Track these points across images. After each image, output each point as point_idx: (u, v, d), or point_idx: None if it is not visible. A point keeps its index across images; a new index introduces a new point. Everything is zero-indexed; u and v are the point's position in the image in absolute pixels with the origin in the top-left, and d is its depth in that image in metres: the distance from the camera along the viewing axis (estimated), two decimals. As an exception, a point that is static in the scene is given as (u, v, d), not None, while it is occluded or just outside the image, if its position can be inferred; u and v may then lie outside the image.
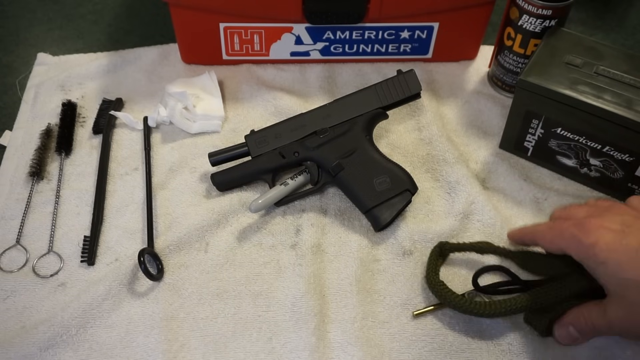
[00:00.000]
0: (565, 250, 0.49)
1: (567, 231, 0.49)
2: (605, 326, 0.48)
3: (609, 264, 0.46)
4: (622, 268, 0.45)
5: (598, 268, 0.47)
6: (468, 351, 0.53)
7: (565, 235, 0.49)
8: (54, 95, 0.75)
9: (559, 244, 0.50)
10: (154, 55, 0.79)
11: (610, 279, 0.46)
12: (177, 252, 0.60)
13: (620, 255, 0.45)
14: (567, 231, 0.49)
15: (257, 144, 0.64)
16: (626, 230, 0.46)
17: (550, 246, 0.51)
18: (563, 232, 0.49)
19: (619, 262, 0.45)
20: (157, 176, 0.67)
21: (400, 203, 0.60)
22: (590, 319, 0.49)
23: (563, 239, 0.49)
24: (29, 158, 0.68)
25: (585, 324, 0.49)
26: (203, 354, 0.54)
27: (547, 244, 0.52)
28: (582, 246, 0.47)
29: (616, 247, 0.46)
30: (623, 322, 0.47)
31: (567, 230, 0.49)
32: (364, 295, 0.57)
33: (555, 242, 0.50)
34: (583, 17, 0.87)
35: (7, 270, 0.59)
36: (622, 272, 0.45)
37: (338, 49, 0.76)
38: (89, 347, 0.54)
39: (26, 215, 0.63)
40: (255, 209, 0.60)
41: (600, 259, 0.46)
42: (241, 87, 0.75)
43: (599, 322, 0.49)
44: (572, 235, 0.48)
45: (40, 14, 0.86)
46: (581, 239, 0.47)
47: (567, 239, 0.49)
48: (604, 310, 0.48)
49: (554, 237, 0.50)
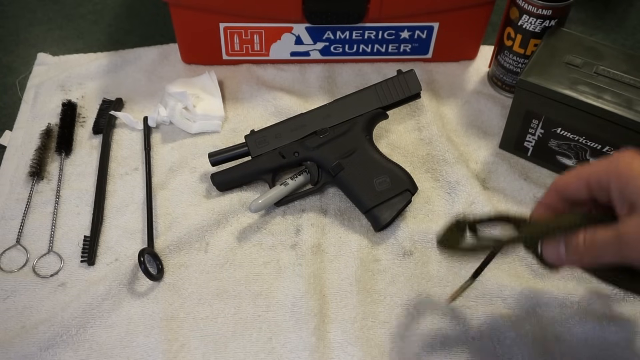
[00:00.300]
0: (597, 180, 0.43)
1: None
2: (612, 239, 0.41)
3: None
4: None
5: (631, 182, 0.41)
6: (468, 351, 0.53)
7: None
8: (54, 95, 0.75)
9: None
10: (154, 55, 0.79)
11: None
12: (177, 252, 0.60)
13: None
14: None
15: (257, 144, 0.64)
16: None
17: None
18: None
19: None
20: (157, 176, 0.67)
21: (400, 203, 0.60)
22: (593, 235, 0.42)
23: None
24: (29, 158, 0.68)
25: (584, 240, 0.43)
26: (203, 354, 0.54)
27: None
28: (613, 165, 0.42)
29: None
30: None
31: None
32: (364, 295, 0.57)
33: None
34: (583, 17, 0.87)
35: (7, 270, 0.59)
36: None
37: (338, 49, 0.76)
38: (89, 347, 0.54)
39: (26, 215, 0.63)
40: (255, 209, 0.60)
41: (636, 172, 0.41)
42: (241, 87, 0.75)
43: (604, 236, 0.41)
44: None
45: (40, 14, 0.86)
46: (614, 161, 0.42)
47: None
48: (615, 226, 0.41)
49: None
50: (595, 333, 0.54)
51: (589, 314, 0.55)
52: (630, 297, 0.56)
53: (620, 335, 0.54)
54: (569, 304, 0.56)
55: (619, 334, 0.54)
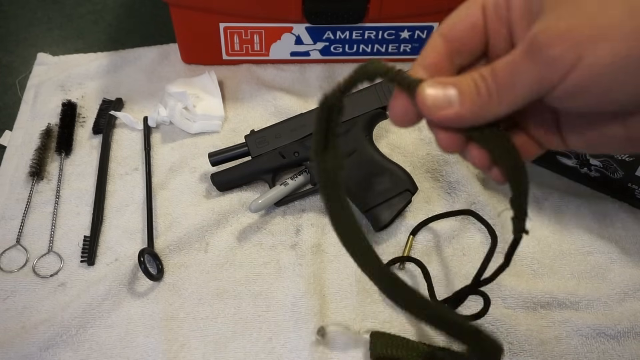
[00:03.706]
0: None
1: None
2: (524, 54, 0.28)
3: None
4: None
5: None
6: (468, 351, 0.53)
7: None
8: (54, 95, 0.75)
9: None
10: (154, 55, 0.79)
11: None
12: (177, 252, 0.60)
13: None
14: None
15: (257, 144, 0.64)
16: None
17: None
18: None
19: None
20: (157, 176, 0.67)
21: (400, 203, 0.60)
22: (493, 64, 0.30)
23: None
24: (29, 158, 0.68)
25: (490, 71, 0.30)
26: (203, 354, 0.54)
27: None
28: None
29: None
30: (561, 22, 0.27)
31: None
32: (364, 295, 0.57)
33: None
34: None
35: (7, 270, 0.59)
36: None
37: (338, 49, 0.76)
38: (89, 347, 0.54)
39: (26, 215, 0.63)
40: (255, 209, 0.60)
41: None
42: (241, 87, 0.75)
43: (512, 57, 0.29)
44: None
45: (40, 14, 0.86)
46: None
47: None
48: (522, 43, 0.29)
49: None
50: (595, 333, 0.54)
51: (589, 314, 0.55)
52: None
53: (620, 335, 0.54)
54: (569, 304, 0.56)
55: (619, 334, 0.54)
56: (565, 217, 0.63)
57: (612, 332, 0.54)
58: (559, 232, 0.62)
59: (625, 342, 0.54)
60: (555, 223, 0.62)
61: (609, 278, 0.58)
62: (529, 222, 0.32)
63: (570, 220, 0.62)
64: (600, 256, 0.60)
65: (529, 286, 0.57)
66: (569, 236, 0.61)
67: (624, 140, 0.30)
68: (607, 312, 0.56)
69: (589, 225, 0.62)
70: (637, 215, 0.63)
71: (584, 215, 0.63)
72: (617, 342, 0.54)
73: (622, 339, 0.54)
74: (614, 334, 0.54)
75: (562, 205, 0.64)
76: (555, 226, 0.62)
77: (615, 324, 0.54)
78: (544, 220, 0.62)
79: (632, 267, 0.59)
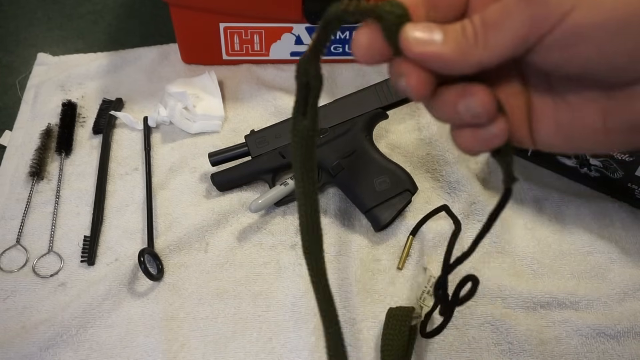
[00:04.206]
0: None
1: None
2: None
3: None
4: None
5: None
6: (468, 351, 0.53)
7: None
8: (54, 95, 0.75)
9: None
10: (154, 55, 0.79)
11: None
12: (177, 252, 0.60)
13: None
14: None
15: (257, 144, 0.64)
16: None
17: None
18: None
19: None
20: (157, 176, 0.67)
21: (400, 203, 0.60)
22: (484, 11, 0.28)
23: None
24: (29, 158, 0.68)
25: (470, 19, 0.28)
26: (203, 354, 0.54)
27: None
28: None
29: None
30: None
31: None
32: (364, 295, 0.57)
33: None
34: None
35: (7, 270, 0.59)
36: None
37: (338, 49, 0.76)
38: (89, 347, 0.54)
39: (26, 215, 0.63)
40: (255, 209, 0.60)
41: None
42: (241, 87, 0.75)
43: (505, 0, 0.27)
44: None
45: (40, 14, 0.86)
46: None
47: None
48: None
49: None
50: (595, 333, 0.54)
51: (589, 314, 0.55)
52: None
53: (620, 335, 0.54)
54: (569, 304, 0.56)
55: (619, 334, 0.54)
56: (565, 217, 0.63)
57: (612, 332, 0.54)
58: (559, 232, 0.62)
59: (625, 342, 0.54)
60: (555, 223, 0.62)
61: (609, 278, 0.58)
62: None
63: (570, 220, 0.62)
64: (600, 256, 0.60)
65: (529, 286, 0.57)
66: (569, 236, 0.61)
67: (600, 132, 0.28)
68: (607, 312, 0.56)
69: (589, 225, 0.62)
70: (637, 215, 0.63)
71: (584, 215, 0.63)
72: (617, 342, 0.54)
73: (622, 339, 0.54)
74: (614, 334, 0.54)
75: (562, 205, 0.64)
76: (555, 226, 0.62)
77: (615, 324, 0.54)
78: (544, 220, 0.62)
79: (632, 267, 0.59)
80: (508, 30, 0.27)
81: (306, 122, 0.33)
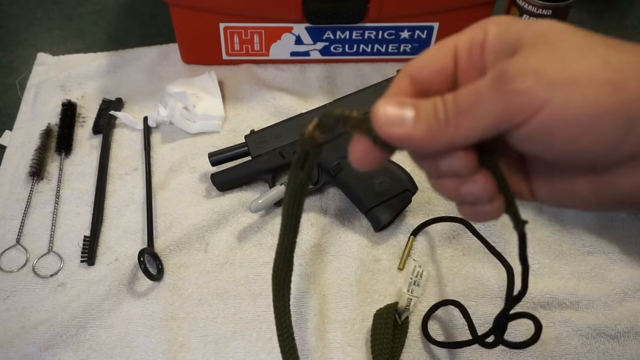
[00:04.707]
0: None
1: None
2: (491, 85, 0.27)
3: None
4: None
5: (512, 24, 0.29)
6: (468, 351, 0.53)
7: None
8: (54, 95, 0.75)
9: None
10: (154, 55, 0.79)
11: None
12: (177, 252, 0.60)
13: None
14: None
15: (257, 144, 0.64)
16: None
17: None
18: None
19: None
20: (157, 176, 0.67)
21: (400, 203, 0.60)
22: (457, 92, 0.28)
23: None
24: (29, 158, 0.68)
25: (452, 97, 0.28)
26: (203, 354, 0.54)
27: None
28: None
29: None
30: (536, 59, 0.26)
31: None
32: (364, 295, 0.57)
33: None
34: (583, 17, 0.87)
35: (7, 270, 0.59)
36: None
37: (338, 49, 0.76)
38: (89, 347, 0.54)
39: (26, 215, 0.63)
40: (255, 209, 0.60)
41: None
42: (241, 87, 0.75)
43: (477, 86, 0.27)
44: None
45: (40, 14, 0.86)
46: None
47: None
48: (490, 73, 0.27)
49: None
50: (595, 333, 0.54)
51: (589, 314, 0.55)
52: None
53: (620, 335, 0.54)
54: (569, 304, 0.56)
55: (619, 334, 0.54)
56: (565, 217, 0.63)
57: (612, 332, 0.54)
58: (559, 232, 0.62)
59: (625, 342, 0.54)
60: (555, 223, 0.62)
61: (609, 278, 0.58)
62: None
63: (570, 220, 0.62)
64: (600, 256, 0.60)
65: (529, 286, 0.57)
66: (569, 236, 0.61)
67: (591, 201, 0.29)
68: (607, 312, 0.56)
69: (589, 225, 0.62)
70: (637, 215, 0.63)
71: (584, 215, 0.63)
72: (617, 342, 0.54)
73: (622, 339, 0.54)
74: (614, 334, 0.54)
75: (562, 205, 0.63)
76: (555, 226, 0.62)
77: (615, 324, 0.54)
78: (544, 220, 0.62)
79: (632, 267, 0.59)
80: (479, 118, 0.27)
81: (302, 175, 0.37)
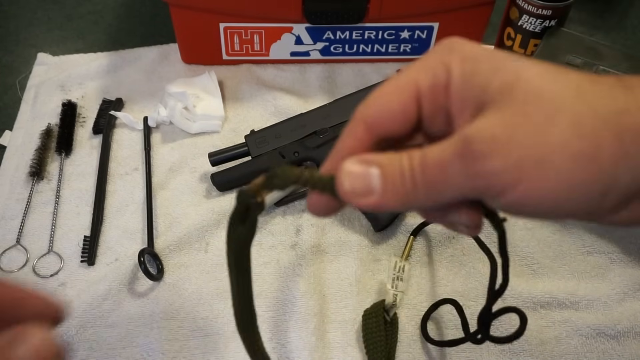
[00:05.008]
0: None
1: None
2: (455, 151, 0.25)
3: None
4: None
5: (476, 69, 0.27)
6: (468, 351, 0.53)
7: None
8: (54, 95, 0.75)
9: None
10: (154, 55, 0.79)
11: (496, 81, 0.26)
12: (177, 252, 0.60)
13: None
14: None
15: (257, 144, 0.64)
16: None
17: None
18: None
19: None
20: (157, 176, 0.67)
21: (400, 203, 0.60)
22: (423, 154, 0.26)
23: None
24: (29, 158, 0.68)
25: (410, 161, 0.26)
26: (203, 354, 0.54)
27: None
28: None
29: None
30: (503, 129, 0.24)
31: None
32: (364, 295, 0.57)
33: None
34: (583, 17, 0.87)
35: (7, 270, 0.59)
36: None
37: (338, 49, 0.76)
38: (89, 347, 0.54)
39: (26, 215, 0.63)
40: (255, 209, 0.60)
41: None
42: (241, 87, 0.75)
43: (441, 151, 0.26)
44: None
45: (40, 14, 0.86)
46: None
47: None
48: (455, 135, 0.26)
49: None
50: (595, 333, 0.54)
51: (589, 314, 0.55)
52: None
53: (620, 335, 0.54)
54: (569, 303, 0.56)
55: (619, 334, 0.54)
56: (565, 217, 0.63)
57: (612, 332, 0.54)
58: (559, 232, 0.62)
59: (625, 342, 0.54)
60: (555, 223, 0.62)
61: (609, 278, 0.58)
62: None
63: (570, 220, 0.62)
64: (600, 256, 0.60)
65: (529, 286, 0.57)
66: (569, 236, 0.61)
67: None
68: (607, 312, 0.56)
69: (589, 225, 0.62)
70: (637, 215, 0.63)
71: (584, 215, 0.63)
72: (617, 342, 0.54)
73: (622, 339, 0.54)
74: (614, 334, 0.54)
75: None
76: (555, 226, 0.62)
77: (615, 324, 0.54)
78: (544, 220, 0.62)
79: (632, 267, 0.59)
80: (449, 192, 0.26)
81: (243, 229, 0.34)
